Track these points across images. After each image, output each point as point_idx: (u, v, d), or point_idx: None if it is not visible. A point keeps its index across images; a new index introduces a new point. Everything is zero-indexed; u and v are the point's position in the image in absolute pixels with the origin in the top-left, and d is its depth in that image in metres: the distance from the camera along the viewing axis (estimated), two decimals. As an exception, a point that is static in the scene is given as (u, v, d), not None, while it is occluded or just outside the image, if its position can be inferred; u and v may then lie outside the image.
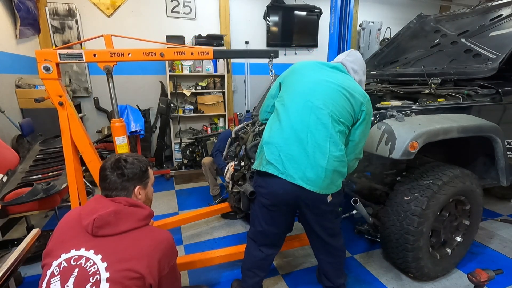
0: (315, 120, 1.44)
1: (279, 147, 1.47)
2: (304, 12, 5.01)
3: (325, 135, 1.43)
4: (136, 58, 1.72)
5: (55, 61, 1.56)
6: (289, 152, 1.44)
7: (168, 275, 1.13)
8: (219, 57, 2.07)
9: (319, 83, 1.53)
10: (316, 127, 1.44)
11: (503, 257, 2.36)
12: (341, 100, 1.48)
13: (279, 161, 1.45)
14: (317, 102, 1.47)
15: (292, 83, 1.63)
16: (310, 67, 1.66)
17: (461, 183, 1.93)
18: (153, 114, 4.69)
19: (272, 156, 1.48)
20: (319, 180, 1.42)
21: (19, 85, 3.33)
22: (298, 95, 1.53)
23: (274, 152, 1.48)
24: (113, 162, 1.18)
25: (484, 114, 2.12)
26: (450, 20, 3.19)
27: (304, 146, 1.43)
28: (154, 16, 4.38)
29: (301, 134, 1.44)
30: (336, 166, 1.44)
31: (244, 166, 2.18)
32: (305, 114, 1.47)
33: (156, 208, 3.11)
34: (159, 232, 1.16)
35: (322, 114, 1.45)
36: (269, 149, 1.51)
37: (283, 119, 1.52)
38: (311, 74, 1.60)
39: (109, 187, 1.16)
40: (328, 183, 1.44)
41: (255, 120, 2.50)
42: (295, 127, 1.46)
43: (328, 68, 1.63)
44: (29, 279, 2.10)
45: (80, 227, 1.06)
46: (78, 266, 0.99)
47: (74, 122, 1.67)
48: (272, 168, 1.47)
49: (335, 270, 1.76)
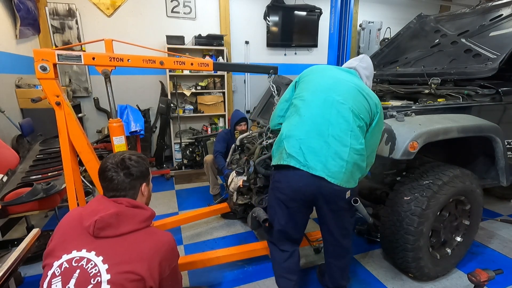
0: (336, 113, 1.48)
1: (300, 140, 1.48)
2: (304, 12, 5.01)
3: (346, 128, 1.46)
4: (135, 64, 1.72)
5: (53, 61, 1.55)
6: (310, 145, 1.46)
7: (169, 277, 1.13)
8: (219, 70, 2.08)
9: (339, 81, 1.58)
10: (337, 120, 1.46)
11: (503, 257, 2.36)
12: (359, 98, 1.53)
13: (300, 153, 1.46)
14: (338, 97, 1.51)
15: (311, 81, 1.65)
16: (329, 68, 1.71)
17: (461, 183, 1.93)
18: (153, 114, 4.69)
19: (293, 149, 1.48)
20: (340, 172, 1.43)
21: (19, 85, 3.33)
22: (319, 91, 1.57)
23: (294, 145, 1.48)
24: (119, 162, 1.16)
25: (484, 114, 2.12)
26: (450, 20, 3.19)
27: (325, 138, 1.45)
28: (154, 16, 4.38)
29: (322, 127, 1.46)
30: (356, 159, 1.46)
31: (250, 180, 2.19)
32: (326, 108, 1.50)
33: (156, 208, 3.10)
34: (161, 234, 1.16)
35: (343, 108, 1.48)
36: (289, 142, 1.51)
37: (303, 113, 1.53)
38: (331, 74, 1.65)
39: (117, 187, 1.14)
40: (349, 176, 1.46)
41: (262, 131, 2.46)
42: (316, 120, 1.49)
43: (343, 71, 1.69)
44: (29, 279, 2.10)
45: (81, 228, 1.06)
46: (79, 268, 0.98)
47: (71, 122, 1.66)
48: (293, 160, 1.47)
49: (341, 271, 1.76)
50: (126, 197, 1.15)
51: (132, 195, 1.17)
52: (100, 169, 1.18)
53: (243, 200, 2.33)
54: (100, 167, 1.19)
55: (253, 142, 2.53)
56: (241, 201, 2.33)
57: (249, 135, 2.64)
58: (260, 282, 2.09)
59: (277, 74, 2.08)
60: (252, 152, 2.30)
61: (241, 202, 2.34)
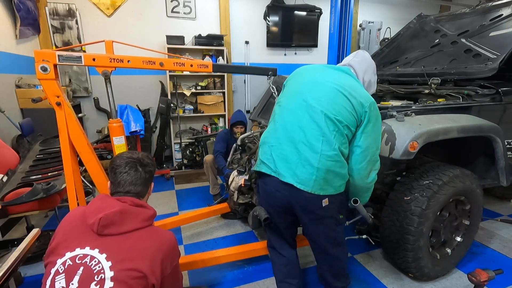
0: (308, 119, 1.43)
1: (271, 147, 1.50)
2: (304, 12, 5.01)
3: (318, 133, 1.39)
4: (135, 65, 1.73)
5: (53, 62, 1.56)
6: (280, 151, 1.46)
7: (171, 275, 1.14)
8: (218, 71, 2.08)
9: (316, 83, 1.51)
10: (309, 126, 1.42)
11: (503, 257, 2.36)
12: (338, 99, 1.42)
13: (270, 160, 1.48)
14: (311, 101, 1.44)
15: (291, 85, 1.64)
16: (312, 69, 1.62)
17: (461, 183, 1.93)
18: (153, 114, 4.69)
19: (265, 156, 1.51)
20: (310, 179, 1.38)
21: (19, 85, 3.33)
22: (294, 95, 1.54)
23: (266, 151, 1.51)
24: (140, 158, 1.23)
25: (484, 114, 2.12)
26: (450, 20, 3.19)
27: (295, 145, 1.42)
28: (154, 16, 4.38)
29: (293, 134, 1.44)
30: (329, 166, 1.38)
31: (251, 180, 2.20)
32: (299, 114, 1.46)
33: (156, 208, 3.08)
34: (163, 233, 1.17)
35: (315, 112, 1.42)
36: (262, 149, 1.56)
37: (277, 120, 1.55)
38: (311, 75, 1.58)
39: (136, 182, 1.19)
40: (321, 183, 1.39)
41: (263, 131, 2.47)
42: (287, 126, 1.47)
43: (332, 70, 1.58)
44: (29, 279, 2.09)
45: (84, 226, 1.07)
46: (83, 265, 0.99)
47: (71, 122, 1.66)
48: (265, 167, 1.50)
49: (333, 277, 1.66)
50: (139, 193, 1.20)
51: (144, 193, 1.24)
52: (116, 164, 1.20)
53: (244, 199, 2.34)
54: (116, 163, 1.20)
55: (254, 142, 2.54)
56: (242, 200, 2.34)
57: (250, 134, 2.66)
58: (260, 282, 2.09)
59: (276, 75, 2.09)
60: (253, 152, 2.31)
61: (242, 201, 2.35)
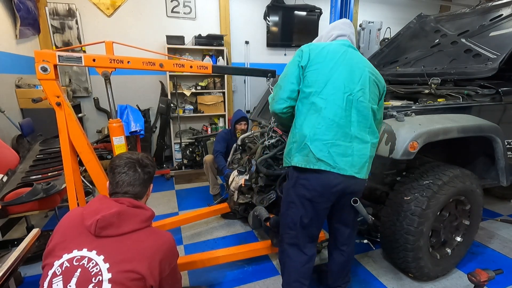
0: (356, 113, 1.54)
1: (328, 144, 1.52)
2: (304, 12, 5.01)
3: (366, 126, 1.55)
4: (135, 66, 1.72)
5: (54, 62, 1.56)
6: (337, 148, 1.52)
7: (169, 277, 1.14)
8: (217, 72, 2.08)
9: (353, 70, 1.58)
10: (357, 120, 1.54)
11: (503, 257, 2.36)
12: (373, 87, 1.60)
13: (329, 157, 1.51)
14: (357, 94, 1.54)
15: (325, 73, 1.56)
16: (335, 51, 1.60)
17: (461, 183, 1.93)
18: (153, 114, 4.69)
19: (322, 154, 1.52)
20: (364, 167, 1.56)
21: (19, 85, 3.33)
22: (337, 86, 1.54)
23: (323, 149, 1.52)
24: (139, 159, 1.21)
25: (484, 114, 2.12)
26: (450, 20, 3.19)
27: (349, 139, 1.53)
28: (154, 16, 4.38)
29: (346, 129, 1.53)
30: (373, 152, 1.60)
31: (252, 180, 2.19)
32: (348, 108, 1.54)
33: (156, 208, 3.10)
34: (161, 234, 1.17)
35: (363, 107, 1.54)
36: (316, 146, 1.52)
37: (326, 115, 1.52)
38: (342, 60, 1.58)
39: (134, 182, 1.18)
40: (369, 168, 1.59)
41: (263, 131, 2.46)
42: (339, 122, 1.52)
43: (351, 48, 1.65)
44: (29, 279, 2.10)
45: (82, 227, 1.06)
46: (80, 267, 0.99)
47: (71, 122, 1.66)
48: (324, 165, 1.52)
49: (344, 269, 1.82)
50: (137, 194, 1.19)
51: (142, 194, 1.22)
52: (115, 164, 1.19)
53: (244, 199, 2.34)
54: (116, 163, 1.19)
55: (254, 142, 2.54)
56: (242, 200, 2.34)
57: (250, 134, 2.66)
58: (260, 282, 2.09)
59: (275, 77, 2.09)
60: (253, 152, 2.30)
61: (242, 201, 2.34)
